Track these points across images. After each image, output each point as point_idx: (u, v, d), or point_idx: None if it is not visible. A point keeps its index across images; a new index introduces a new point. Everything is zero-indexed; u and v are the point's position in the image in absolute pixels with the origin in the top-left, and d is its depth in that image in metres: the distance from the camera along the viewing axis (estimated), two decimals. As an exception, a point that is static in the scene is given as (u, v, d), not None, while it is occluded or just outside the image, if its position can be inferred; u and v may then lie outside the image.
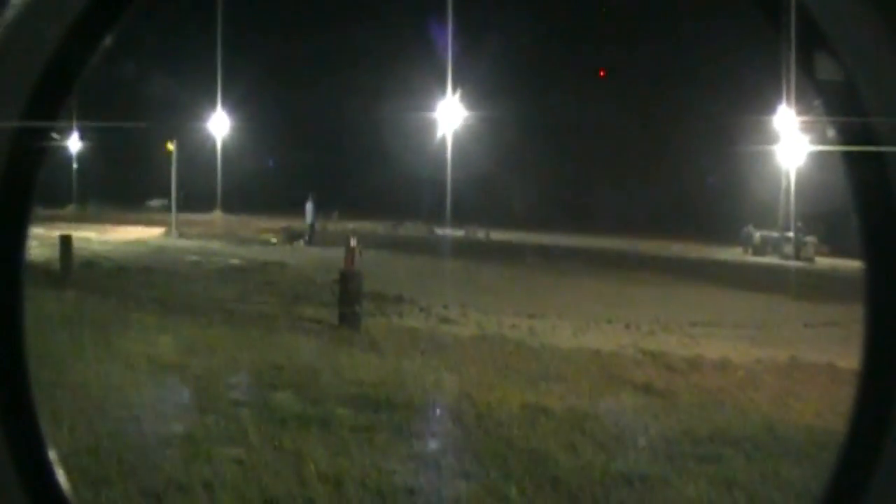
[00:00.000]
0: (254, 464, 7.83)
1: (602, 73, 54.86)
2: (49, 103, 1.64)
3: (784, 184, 41.30)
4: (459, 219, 43.58)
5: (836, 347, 14.09)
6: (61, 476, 1.67)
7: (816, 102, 1.59)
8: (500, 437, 9.29)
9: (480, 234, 44.78)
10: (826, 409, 10.92)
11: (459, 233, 43.57)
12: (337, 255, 20.25)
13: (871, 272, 1.56)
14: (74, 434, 8.18)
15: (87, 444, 7.91)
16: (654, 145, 50.35)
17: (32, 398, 1.66)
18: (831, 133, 1.57)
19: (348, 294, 16.76)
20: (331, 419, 9.62)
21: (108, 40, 1.72)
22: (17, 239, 1.67)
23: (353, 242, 18.21)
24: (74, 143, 59.47)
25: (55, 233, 25.94)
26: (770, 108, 31.03)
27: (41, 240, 28.43)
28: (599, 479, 8.04)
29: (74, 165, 60.35)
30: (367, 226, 41.73)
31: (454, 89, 45.51)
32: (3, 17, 1.59)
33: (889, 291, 1.52)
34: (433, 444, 8.91)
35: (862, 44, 1.46)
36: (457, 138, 46.44)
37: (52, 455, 1.67)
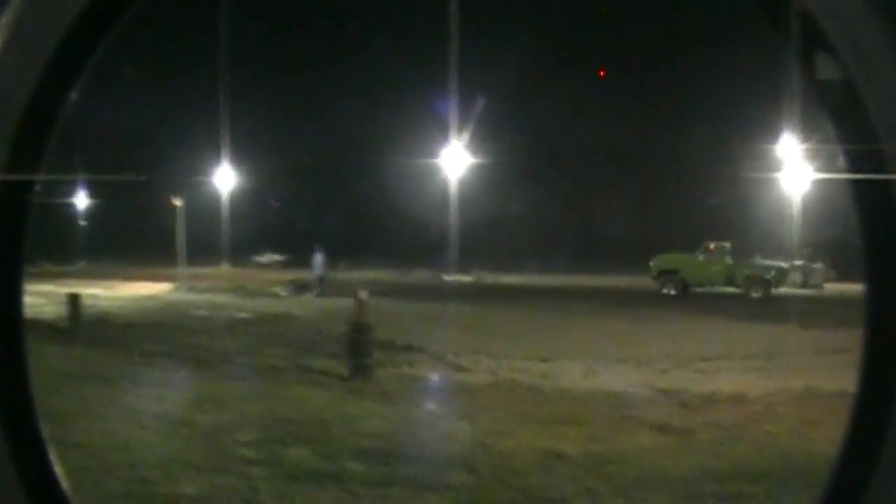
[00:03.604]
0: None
1: (602, 74, 54.65)
2: (30, 149, 1.64)
3: (789, 211, 41.23)
4: (467, 263, 43.50)
5: (850, 373, 13.76)
6: (61, 476, 1.71)
7: (827, 131, 1.60)
8: (516, 487, 9.11)
9: (489, 278, 44.60)
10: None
11: (468, 278, 43.42)
12: (346, 305, 20.13)
13: (872, 274, 1.59)
14: (79, 498, 8.01)
15: (95, 508, 7.74)
16: (657, 175, 50.27)
17: (32, 398, 1.69)
18: (840, 160, 1.58)
19: (358, 345, 16.59)
20: (344, 474, 9.46)
21: (82, 81, 1.72)
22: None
23: (361, 293, 18.03)
24: (81, 200, 59.79)
25: (63, 290, 25.93)
26: (773, 136, 30.98)
27: (49, 297, 28.40)
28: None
29: (82, 222, 60.53)
30: (374, 274, 41.63)
31: (458, 134, 45.68)
32: None
33: (888, 293, 1.56)
34: (449, 497, 8.69)
35: (862, 44, 1.47)
36: (461, 183, 46.50)
37: (52, 455, 1.71)
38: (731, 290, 37.57)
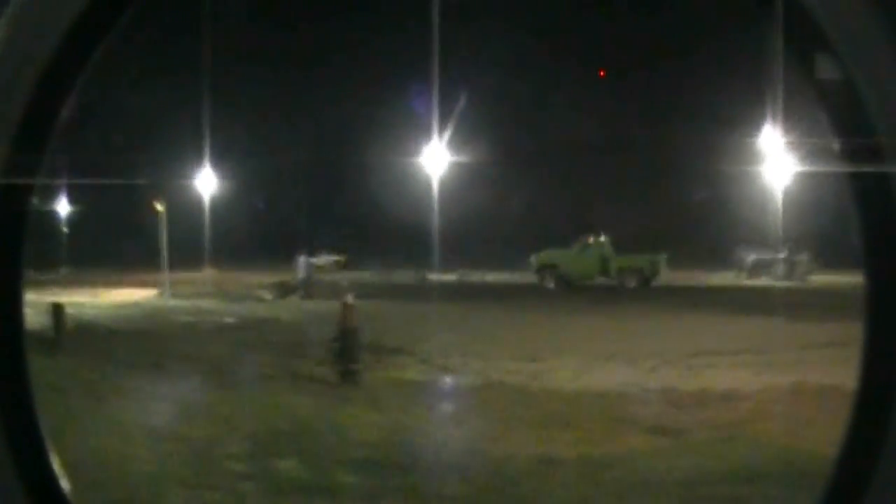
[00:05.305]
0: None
1: (602, 74, 54.73)
2: (29, 156, 1.66)
3: (772, 204, 41.33)
4: (451, 262, 43.40)
5: (840, 369, 13.67)
6: (61, 476, 1.75)
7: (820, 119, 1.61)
8: (512, 496, 9.03)
9: (473, 276, 44.45)
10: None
11: (452, 276, 43.27)
12: (332, 308, 20.00)
13: (871, 274, 1.58)
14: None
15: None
16: (639, 168, 50.45)
17: (32, 399, 1.75)
18: (836, 147, 1.58)
19: (346, 350, 16.51)
20: (337, 487, 9.37)
21: (78, 87, 1.70)
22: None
23: (348, 298, 17.92)
24: (63, 206, 59.39)
25: (47, 298, 25.69)
26: (755, 129, 31.04)
27: (33, 306, 28.02)
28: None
29: (64, 229, 60.14)
30: (358, 275, 41.52)
31: (439, 134, 45.56)
32: None
33: (888, 294, 1.55)
34: (444, 509, 8.61)
35: (862, 44, 1.47)
36: (443, 182, 46.39)
37: (52, 455, 1.75)
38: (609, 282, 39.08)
